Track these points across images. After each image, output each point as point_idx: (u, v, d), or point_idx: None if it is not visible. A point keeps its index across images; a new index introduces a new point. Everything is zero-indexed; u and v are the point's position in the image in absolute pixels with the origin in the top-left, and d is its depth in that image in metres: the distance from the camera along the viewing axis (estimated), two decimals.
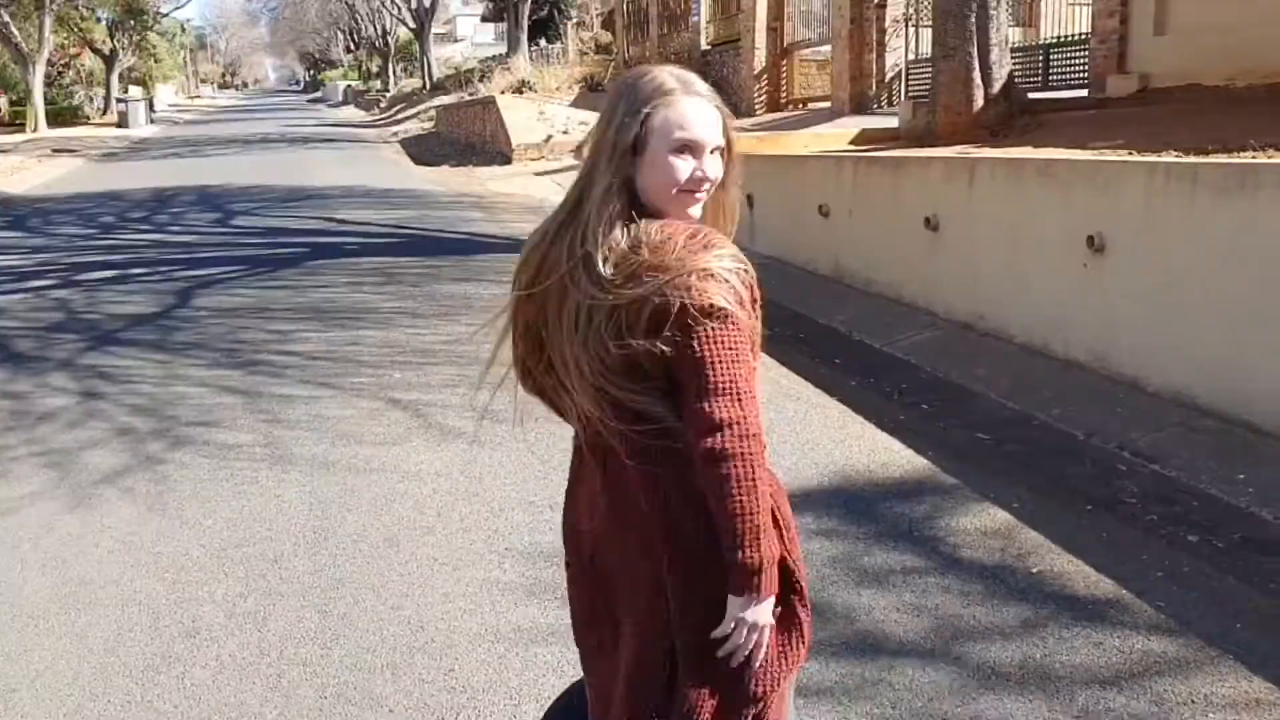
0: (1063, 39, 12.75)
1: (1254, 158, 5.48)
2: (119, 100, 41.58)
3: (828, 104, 16.99)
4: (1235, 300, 4.88)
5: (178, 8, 54.84)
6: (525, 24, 31.63)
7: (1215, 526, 4.05)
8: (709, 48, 21.81)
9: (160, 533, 4.27)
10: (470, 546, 4.04)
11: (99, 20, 45.31)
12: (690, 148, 1.81)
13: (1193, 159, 5.63)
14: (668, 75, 1.83)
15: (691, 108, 1.81)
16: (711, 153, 1.83)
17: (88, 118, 41.94)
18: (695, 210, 1.85)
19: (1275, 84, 8.27)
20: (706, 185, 1.83)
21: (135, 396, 6.13)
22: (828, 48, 17.29)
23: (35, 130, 34.03)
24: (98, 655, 3.35)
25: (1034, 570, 3.77)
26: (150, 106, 43.49)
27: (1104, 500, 4.37)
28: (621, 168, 1.81)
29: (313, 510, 4.44)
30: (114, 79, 45.45)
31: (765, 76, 19.00)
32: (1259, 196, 4.79)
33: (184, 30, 76.90)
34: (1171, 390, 5.19)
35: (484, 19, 55.13)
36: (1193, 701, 2.97)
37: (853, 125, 12.97)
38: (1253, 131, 6.33)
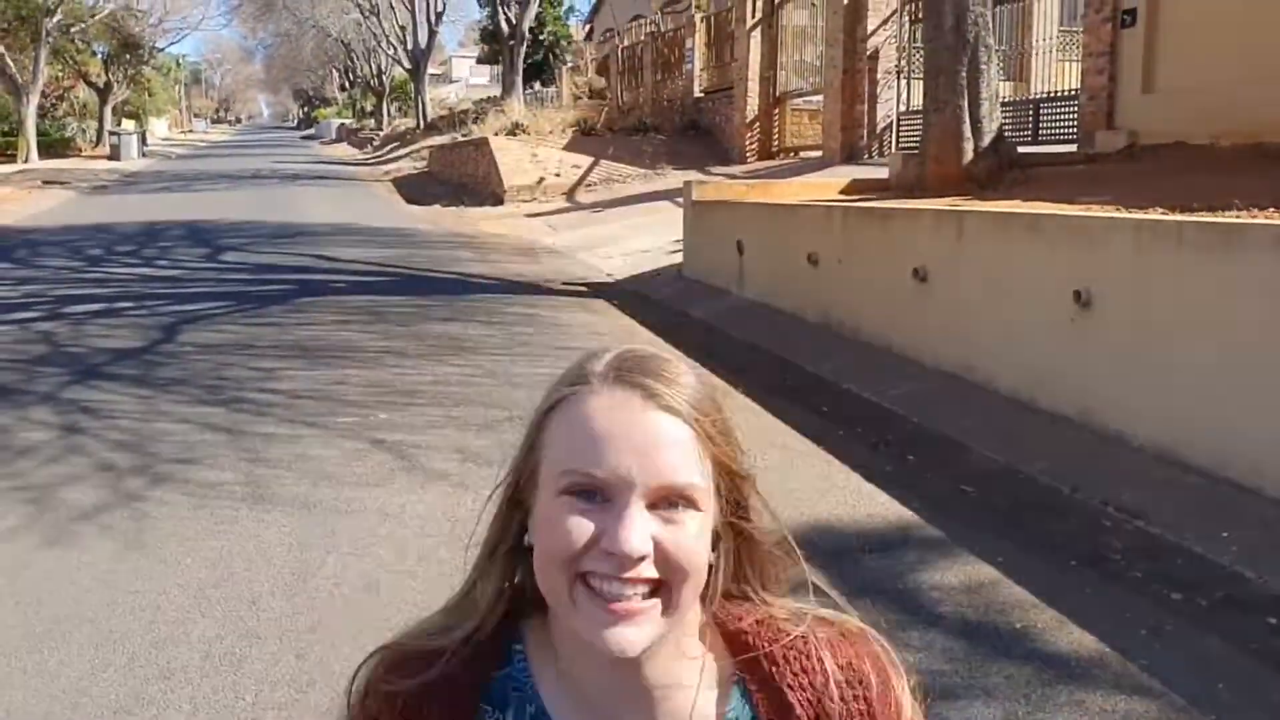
0: (1053, 94, 12.89)
1: (1237, 217, 5.53)
2: (111, 133, 41.71)
3: (819, 153, 17.12)
4: (1219, 357, 4.90)
5: (173, 43, 55.31)
6: (520, 67, 31.86)
7: (1199, 584, 4.04)
8: (702, 95, 21.99)
9: (138, 571, 4.22)
10: (451, 592, 3.99)
11: (94, 54, 45.55)
12: (591, 489, 0.94)
13: (1178, 217, 5.67)
14: (606, 355, 1.01)
15: (607, 409, 0.95)
16: (662, 506, 0.94)
17: (80, 150, 42.03)
18: (635, 638, 0.94)
19: (1259, 144, 8.36)
20: (641, 574, 0.93)
21: (117, 432, 6.09)
22: (820, 97, 17.45)
23: (27, 161, 34.05)
24: (69, 695, 3.30)
25: (1017, 626, 3.75)
26: (143, 140, 43.59)
27: (1088, 556, 4.36)
28: (505, 531, 1.07)
29: (292, 551, 4.40)
30: (107, 112, 45.59)
31: (757, 125, 19.14)
32: (1242, 256, 4.83)
33: (179, 65, 77.42)
34: (1157, 446, 5.20)
35: (479, 61, 55.67)
36: None
37: (843, 175, 13.06)
38: (1237, 191, 6.39)
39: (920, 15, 12.67)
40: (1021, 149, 11.02)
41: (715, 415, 0.98)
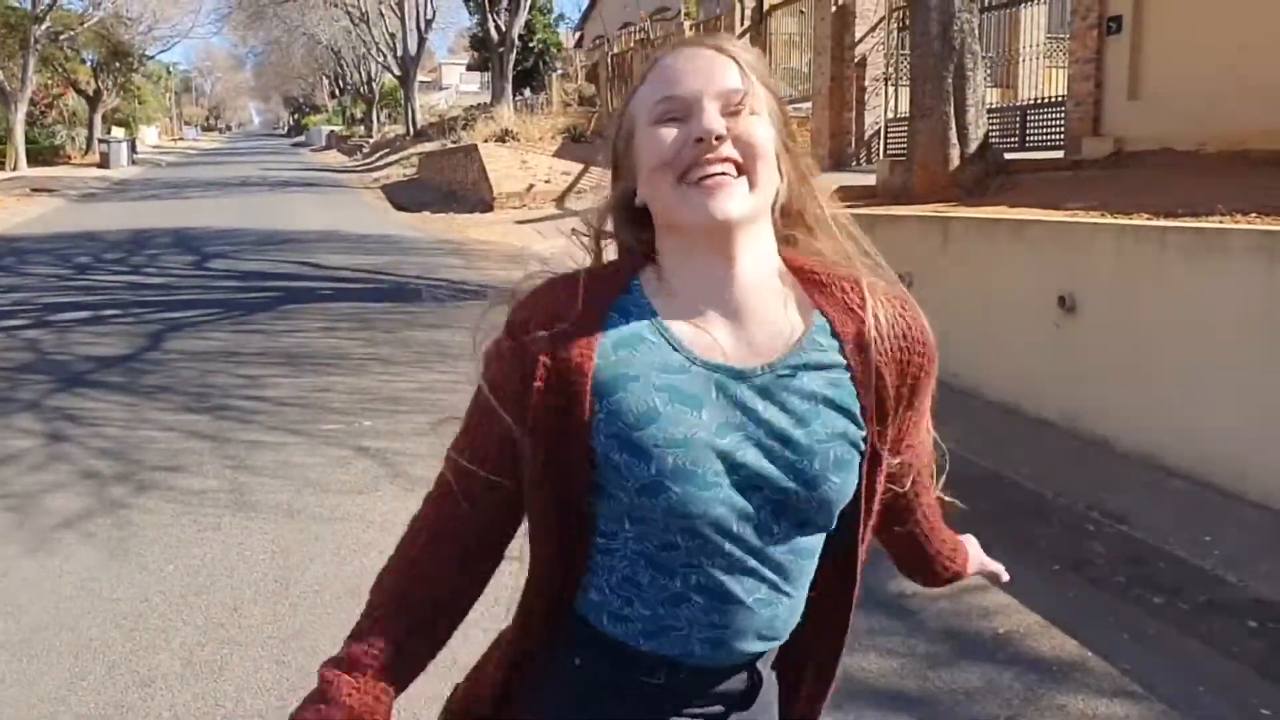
0: (1040, 101, 12.92)
1: (1220, 222, 5.55)
2: (101, 141, 41.59)
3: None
4: (1202, 362, 4.92)
5: (163, 50, 55.16)
6: (510, 74, 31.87)
7: (1181, 589, 4.05)
8: None
9: (119, 578, 4.21)
10: None
11: (84, 61, 45.44)
12: (675, 108, 1.19)
13: (1161, 222, 5.69)
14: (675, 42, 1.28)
15: (676, 58, 1.21)
16: (729, 111, 1.18)
17: (69, 157, 41.89)
18: (730, 206, 1.16)
19: (1243, 151, 8.39)
20: (723, 153, 1.16)
21: (101, 440, 6.06)
22: (808, 105, 17.49)
23: (15, 169, 33.93)
24: (48, 704, 3.29)
25: (1000, 631, 3.75)
26: (132, 147, 43.45)
27: (1072, 561, 4.37)
28: (615, 197, 1.29)
29: (275, 559, 4.39)
30: (97, 119, 45.46)
31: None
32: (1225, 261, 4.84)
33: (169, 73, 77.28)
34: (1140, 451, 5.21)
35: (469, 68, 55.61)
36: None
37: (831, 181, 13.08)
38: (1221, 196, 6.40)
39: (908, 23, 12.71)
40: (1009, 155, 11.03)
41: (764, 69, 1.23)
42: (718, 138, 1.15)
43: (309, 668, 3.45)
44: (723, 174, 1.16)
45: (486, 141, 22.39)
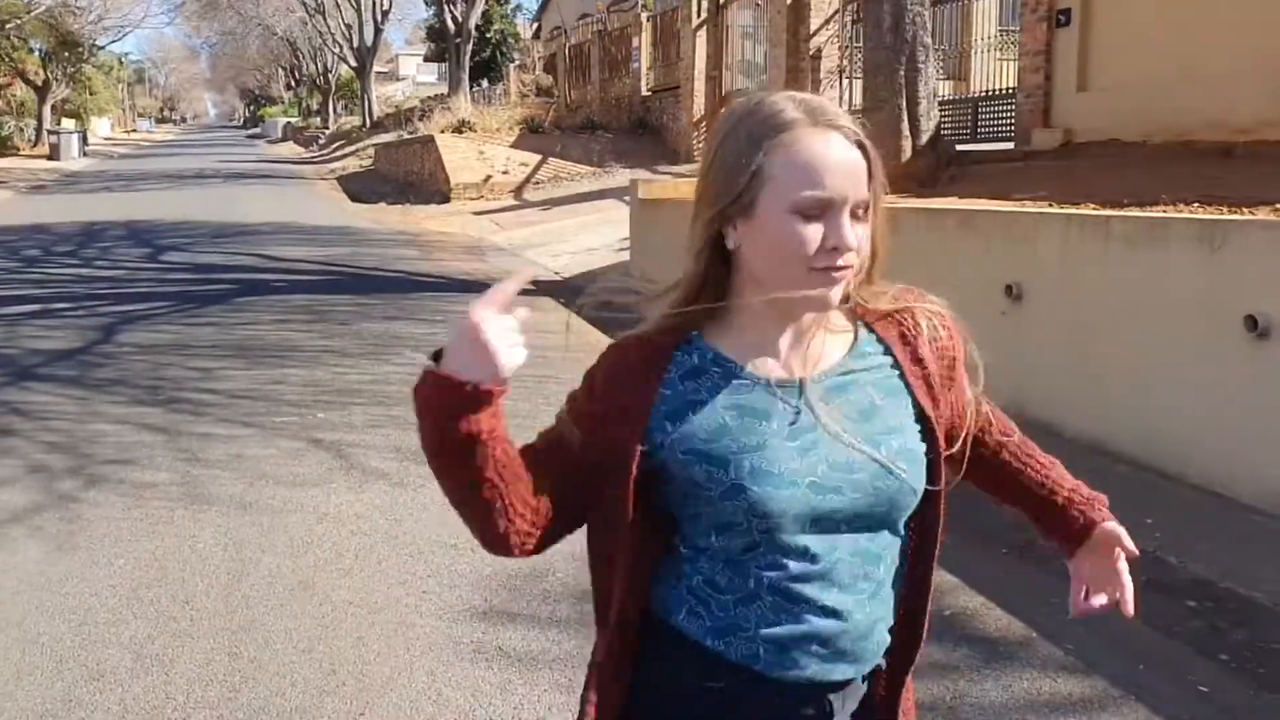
0: (991, 93, 13.06)
1: (1164, 212, 5.66)
2: (51, 132, 40.95)
3: None
4: (1144, 349, 5.01)
5: (114, 40, 54.29)
6: (467, 65, 31.72)
7: None
8: (649, 94, 22.04)
9: (69, 573, 4.17)
10: (387, 590, 4.00)
11: (32, 51, 44.68)
12: (819, 208, 1.29)
13: (1106, 212, 5.79)
14: (788, 102, 1.33)
15: (829, 146, 1.30)
16: (854, 214, 1.32)
17: (17, 149, 41.18)
18: (836, 295, 1.34)
19: (1188, 141, 8.54)
20: (849, 260, 1.32)
21: (51, 434, 6.00)
22: None
23: None
24: None
25: (947, 612, 3.81)
26: (84, 139, 42.82)
27: (1019, 545, 4.43)
28: (707, 236, 1.37)
29: (227, 551, 4.37)
30: (46, 110, 44.75)
31: (704, 123, 19.22)
32: (1168, 249, 4.94)
33: (121, 64, 76.18)
34: (1085, 436, 5.31)
35: (426, 59, 55.30)
36: None
37: None
38: (1166, 186, 6.53)
39: (861, 15, 12.79)
40: (961, 147, 11.15)
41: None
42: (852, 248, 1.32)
43: (261, 659, 3.47)
44: (843, 273, 1.33)
45: (443, 132, 22.24)
